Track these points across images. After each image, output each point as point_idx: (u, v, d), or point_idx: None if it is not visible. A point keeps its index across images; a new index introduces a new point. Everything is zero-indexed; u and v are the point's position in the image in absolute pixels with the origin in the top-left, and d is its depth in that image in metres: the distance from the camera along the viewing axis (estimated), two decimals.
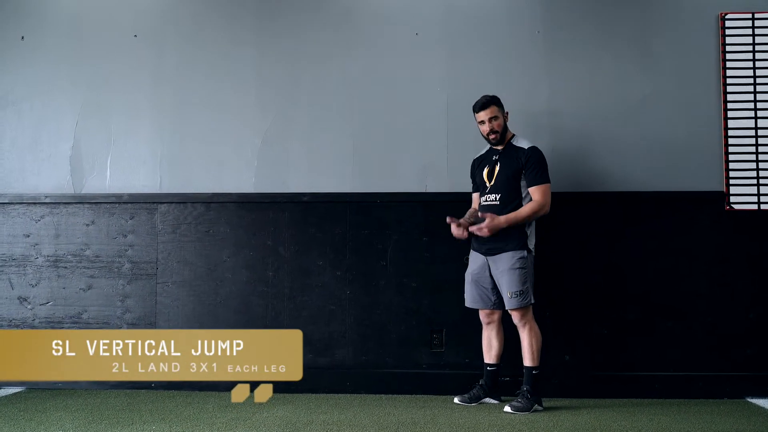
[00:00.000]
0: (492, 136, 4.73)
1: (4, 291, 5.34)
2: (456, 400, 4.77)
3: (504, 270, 4.61)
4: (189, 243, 5.28)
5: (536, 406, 4.55)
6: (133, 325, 5.24)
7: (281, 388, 5.04)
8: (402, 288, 5.16)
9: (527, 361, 4.62)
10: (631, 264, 5.09)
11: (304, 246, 5.23)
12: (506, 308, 4.65)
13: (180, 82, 5.41)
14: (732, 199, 5.08)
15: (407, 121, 5.25)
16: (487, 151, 4.86)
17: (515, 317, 4.63)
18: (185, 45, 5.44)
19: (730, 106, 5.14)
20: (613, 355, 5.04)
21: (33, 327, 5.29)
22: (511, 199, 4.65)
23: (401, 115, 5.25)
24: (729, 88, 5.15)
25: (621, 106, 5.19)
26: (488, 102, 4.73)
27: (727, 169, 5.10)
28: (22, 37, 5.50)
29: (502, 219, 4.57)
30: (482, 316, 4.80)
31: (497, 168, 4.72)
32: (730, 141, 5.12)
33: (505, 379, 4.93)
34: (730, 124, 5.13)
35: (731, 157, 5.11)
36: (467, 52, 5.30)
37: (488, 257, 4.69)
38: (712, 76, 5.18)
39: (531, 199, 4.64)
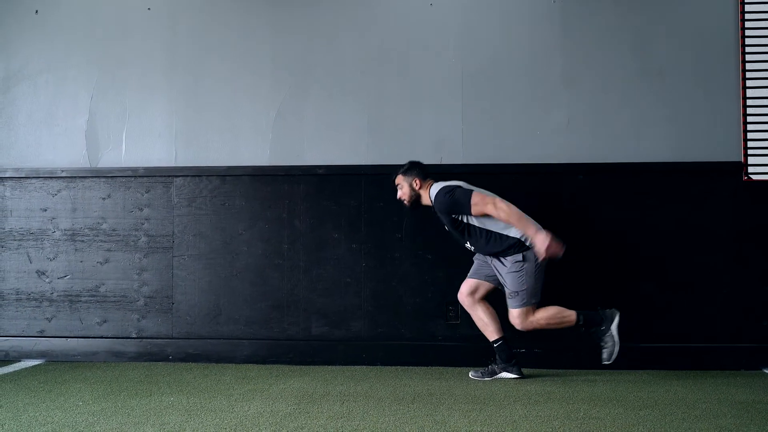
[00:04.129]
0: (405, 203, 4.79)
1: (23, 265, 5.38)
2: (471, 374, 4.78)
3: (503, 272, 4.61)
4: (204, 216, 5.29)
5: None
6: (150, 298, 5.27)
7: (297, 359, 5.10)
8: (417, 260, 5.15)
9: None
10: (647, 235, 5.06)
11: (319, 219, 5.23)
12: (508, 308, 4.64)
13: (194, 54, 5.40)
14: (750, 169, 5.03)
15: (422, 93, 5.22)
16: None
17: (511, 317, 4.62)
18: (199, 17, 5.42)
19: (748, 74, 5.07)
20: (629, 328, 5.00)
21: (51, 300, 5.34)
22: (464, 229, 4.63)
23: (415, 86, 5.22)
24: (747, 57, 5.08)
25: (638, 77, 5.14)
26: (395, 175, 4.78)
27: (746, 139, 5.05)
28: (36, 11, 5.50)
29: (536, 243, 4.48)
30: (465, 296, 4.73)
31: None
32: (749, 110, 5.06)
33: (521, 351, 4.93)
34: (749, 93, 5.07)
35: (749, 127, 5.05)
36: (481, 23, 5.25)
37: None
38: (730, 44, 5.11)
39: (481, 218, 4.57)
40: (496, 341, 4.70)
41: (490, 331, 4.71)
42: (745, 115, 5.06)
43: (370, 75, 5.29)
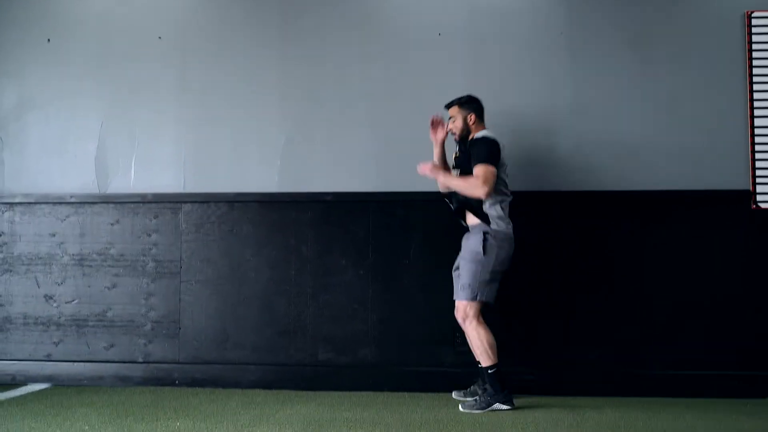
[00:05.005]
0: (453, 136, 4.82)
1: (31, 289, 5.39)
2: (453, 394, 4.79)
3: (465, 257, 4.59)
4: (212, 242, 5.30)
5: (497, 405, 4.47)
6: (157, 323, 5.27)
7: (304, 385, 5.08)
8: (425, 287, 5.15)
9: (482, 362, 4.54)
10: (656, 263, 5.05)
11: (326, 245, 5.24)
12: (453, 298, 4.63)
13: (203, 82, 5.45)
14: (759, 198, 5.04)
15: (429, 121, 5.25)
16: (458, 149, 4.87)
17: (457, 309, 4.59)
18: (209, 46, 5.47)
19: (756, 104, 5.10)
20: (638, 354, 5.01)
21: (58, 324, 5.34)
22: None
23: (424, 114, 5.22)
24: (755, 87, 5.11)
25: (646, 105, 5.17)
26: (450, 103, 4.80)
27: (754, 168, 5.06)
28: (48, 40, 5.56)
29: (439, 172, 4.68)
30: (461, 313, 4.61)
31: (454, 156, 4.81)
32: (757, 140, 5.08)
33: (529, 378, 4.92)
34: (757, 122, 5.09)
35: (758, 156, 5.07)
36: (490, 53, 5.30)
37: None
38: (738, 74, 5.15)
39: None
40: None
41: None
42: (754, 144, 5.07)
43: (378, 103, 5.33)
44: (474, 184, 4.51)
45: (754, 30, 5.14)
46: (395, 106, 5.30)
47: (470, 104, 4.76)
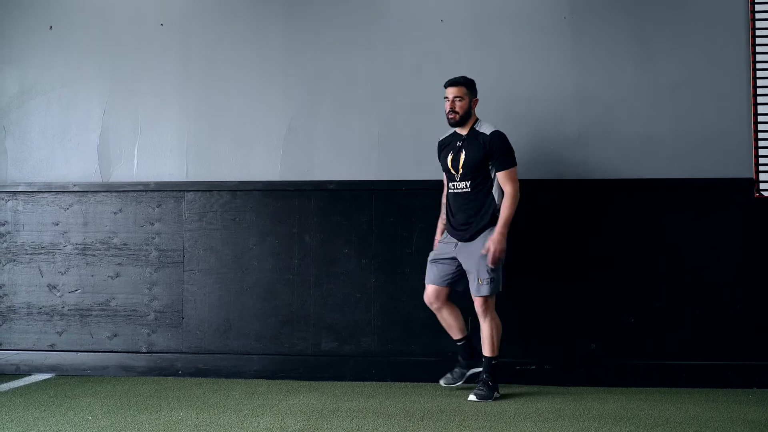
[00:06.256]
0: (451, 116, 4.68)
1: (34, 278, 5.40)
2: (441, 382, 4.80)
3: (477, 256, 4.57)
4: (215, 231, 5.30)
5: (495, 394, 4.55)
6: (160, 313, 5.28)
7: (307, 375, 5.09)
8: None
9: (486, 351, 4.59)
10: (658, 252, 5.04)
11: (329, 234, 5.24)
12: (472, 295, 4.62)
13: (206, 70, 5.43)
14: (762, 186, 5.01)
15: (433, 109, 5.20)
16: (451, 135, 4.77)
17: (478, 304, 4.59)
18: (211, 34, 5.45)
19: (760, 91, 5.06)
20: (639, 344, 5.00)
21: (62, 314, 5.35)
22: (481, 185, 4.62)
23: (427, 102, 5.21)
24: (759, 73, 5.07)
25: (649, 92, 5.14)
26: (458, 82, 4.70)
27: (757, 156, 5.03)
28: (51, 27, 5.54)
29: (499, 236, 4.51)
30: (431, 298, 4.71)
31: (462, 155, 4.66)
32: (760, 128, 5.05)
33: (531, 368, 4.93)
34: (761, 110, 5.06)
35: (761, 144, 5.04)
36: (493, 39, 5.27)
37: (462, 242, 4.66)
38: (741, 60, 5.11)
39: (498, 183, 4.61)
40: (460, 340, 4.76)
41: (455, 331, 4.76)
42: (757, 131, 5.04)
43: (381, 90, 5.30)
44: (515, 196, 4.58)
45: (757, 16, 5.09)
46: (398, 95, 5.28)
47: (475, 88, 4.73)
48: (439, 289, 4.72)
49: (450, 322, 4.76)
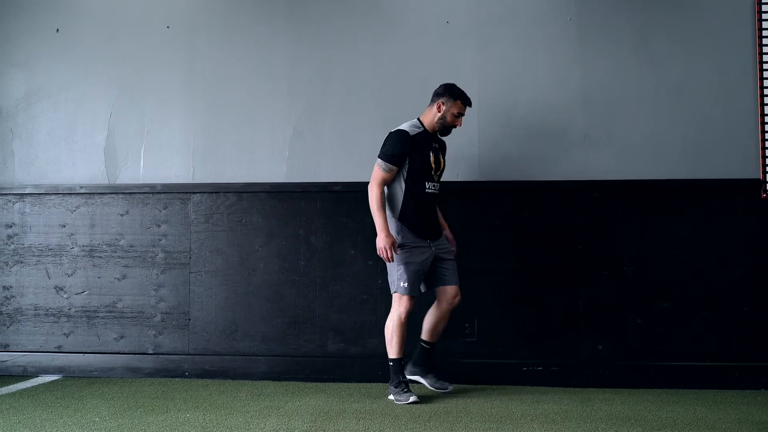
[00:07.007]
0: (450, 131, 4.78)
1: (41, 280, 5.41)
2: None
3: (448, 250, 4.73)
4: (221, 232, 5.31)
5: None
6: (166, 314, 5.29)
7: (313, 376, 5.09)
8: None
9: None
10: (665, 253, 5.03)
11: (335, 235, 5.24)
12: (454, 284, 4.67)
13: (212, 72, 5.44)
14: None
15: None
16: (421, 133, 4.70)
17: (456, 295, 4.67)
18: (217, 36, 5.46)
19: (767, 91, 5.05)
20: (647, 345, 5.00)
21: (69, 316, 5.36)
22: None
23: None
24: (765, 74, 5.06)
25: (655, 93, 5.13)
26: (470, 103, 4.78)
27: (764, 156, 5.02)
28: (57, 30, 5.56)
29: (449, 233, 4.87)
30: (411, 304, 4.63)
31: (442, 159, 4.75)
32: (767, 128, 5.03)
33: (538, 369, 4.93)
34: (767, 110, 5.04)
35: None
36: (498, 40, 5.26)
37: (433, 243, 4.68)
38: (747, 60, 5.10)
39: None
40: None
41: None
42: (764, 131, 5.03)
43: (386, 92, 5.31)
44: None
45: (764, 16, 5.08)
46: (403, 95, 5.27)
47: None
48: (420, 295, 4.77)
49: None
